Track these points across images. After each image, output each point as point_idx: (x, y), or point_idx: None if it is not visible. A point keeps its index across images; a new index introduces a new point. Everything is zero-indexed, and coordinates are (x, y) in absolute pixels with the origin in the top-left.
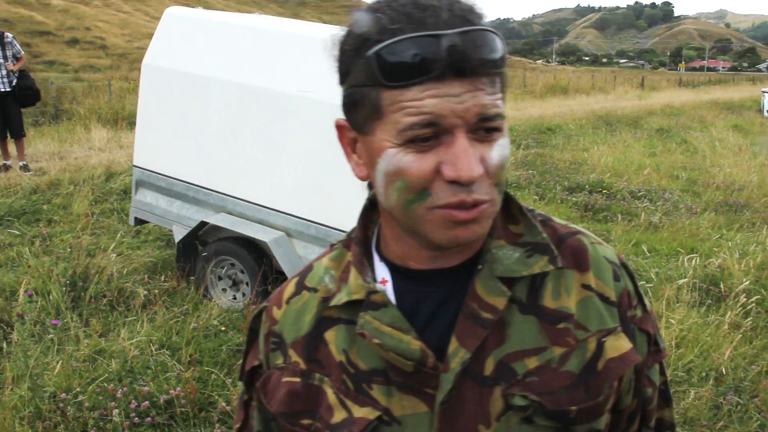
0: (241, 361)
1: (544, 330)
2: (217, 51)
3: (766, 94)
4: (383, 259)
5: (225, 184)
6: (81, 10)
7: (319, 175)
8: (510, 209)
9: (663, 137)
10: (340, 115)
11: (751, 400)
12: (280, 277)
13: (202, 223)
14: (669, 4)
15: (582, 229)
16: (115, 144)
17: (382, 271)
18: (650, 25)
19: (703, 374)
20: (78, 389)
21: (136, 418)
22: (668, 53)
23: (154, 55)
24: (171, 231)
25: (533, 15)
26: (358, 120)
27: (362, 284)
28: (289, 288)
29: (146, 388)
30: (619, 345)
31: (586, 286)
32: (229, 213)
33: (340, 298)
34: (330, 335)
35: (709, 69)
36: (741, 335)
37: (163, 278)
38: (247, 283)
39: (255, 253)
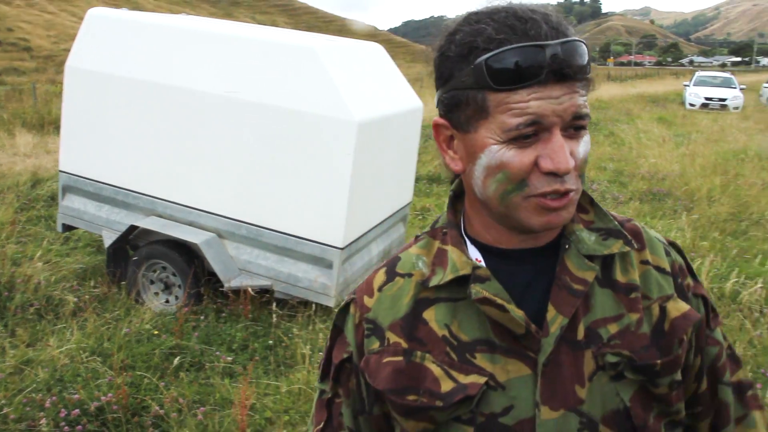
0: (323, 362)
1: (620, 300)
2: (142, 52)
3: (687, 87)
4: (474, 242)
5: (154, 187)
6: (2, 10)
7: (249, 175)
8: (580, 201)
9: (592, 130)
10: (268, 114)
11: None
12: (212, 278)
13: (132, 227)
14: (597, 1)
15: (631, 218)
16: (42, 149)
17: (474, 253)
18: (580, 21)
19: None
20: (3, 401)
21: (66, 427)
22: (597, 49)
23: (78, 57)
24: (101, 236)
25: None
26: (460, 119)
27: (467, 261)
28: (379, 277)
29: (76, 396)
30: (678, 306)
31: (644, 261)
32: (160, 216)
33: (443, 278)
34: (429, 314)
35: (636, 64)
36: None
37: (93, 284)
38: (179, 286)
39: (186, 256)
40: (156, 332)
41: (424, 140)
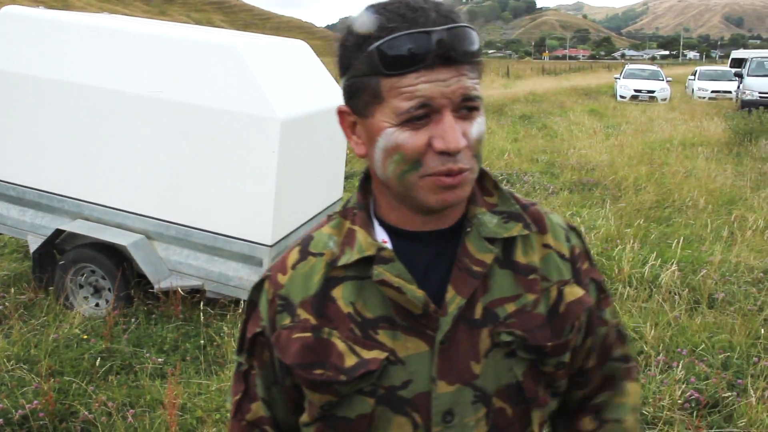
0: (239, 334)
1: (518, 281)
2: (61, 52)
3: (617, 80)
4: (381, 223)
5: (79, 189)
6: None
7: (176, 175)
8: (485, 184)
9: (525, 123)
10: (192, 113)
11: None
12: (143, 280)
13: (59, 231)
14: None
15: (536, 202)
16: None
17: (381, 234)
18: (515, 16)
19: None
20: None
21: None
22: (533, 43)
23: None
24: (26, 241)
25: None
26: (359, 105)
27: (372, 242)
28: (293, 256)
29: (0, 405)
30: (574, 291)
31: (546, 245)
32: (86, 219)
33: (350, 258)
34: (337, 292)
35: (571, 57)
36: None
37: (19, 291)
38: (109, 289)
39: (115, 258)
40: (85, 337)
41: None
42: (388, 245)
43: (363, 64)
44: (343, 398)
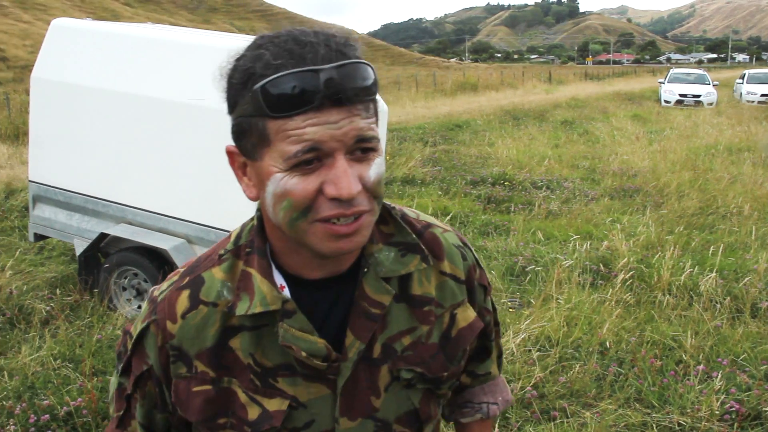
0: (123, 358)
1: (413, 313)
2: (107, 62)
3: (662, 84)
4: (278, 267)
5: (123, 194)
6: None
7: (216, 181)
8: (381, 212)
9: (567, 129)
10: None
11: (630, 370)
12: None
13: (103, 235)
14: (574, 0)
15: (430, 219)
16: (17, 160)
17: (278, 279)
18: (558, 21)
19: (591, 349)
20: None
21: None
22: (576, 48)
23: (43, 68)
24: (73, 245)
25: (445, 14)
26: (247, 147)
27: (277, 295)
28: (182, 302)
29: (46, 401)
30: (466, 315)
31: (443, 272)
32: (129, 223)
33: (248, 308)
34: (235, 342)
35: (614, 62)
36: (621, 309)
37: (65, 293)
38: None
39: (157, 262)
40: None
41: (399, 143)
42: (286, 291)
43: (248, 104)
44: None
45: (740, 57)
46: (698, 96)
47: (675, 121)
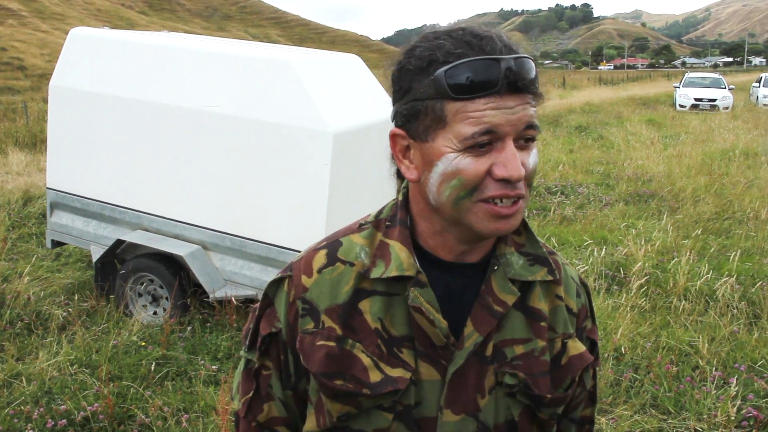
0: (250, 332)
1: (530, 325)
2: (124, 70)
3: (677, 89)
4: (414, 245)
5: (139, 201)
6: None
7: (232, 187)
8: None
9: (581, 134)
10: (247, 127)
11: (646, 375)
12: (199, 289)
13: (119, 242)
14: (588, 5)
15: (555, 251)
16: (34, 167)
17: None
18: (571, 26)
19: (606, 355)
20: None
21: None
22: (590, 53)
23: (61, 76)
24: (89, 251)
25: (458, 20)
26: (418, 129)
27: (413, 263)
28: (320, 258)
29: (63, 406)
30: (578, 346)
31: (558, 296)
32: (146, 230)
33: (383, 272)
34: (364, 305)
35: (629, 66)
36: (636, 314)
37: (82, 299)
38: (167, 298)
39: (173, 268)
40: (143, 343)
41: None
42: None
43: (427, 88)
44: (363, 411)
45: (757, 60)
46: (714, 100)
47: (690, 126)
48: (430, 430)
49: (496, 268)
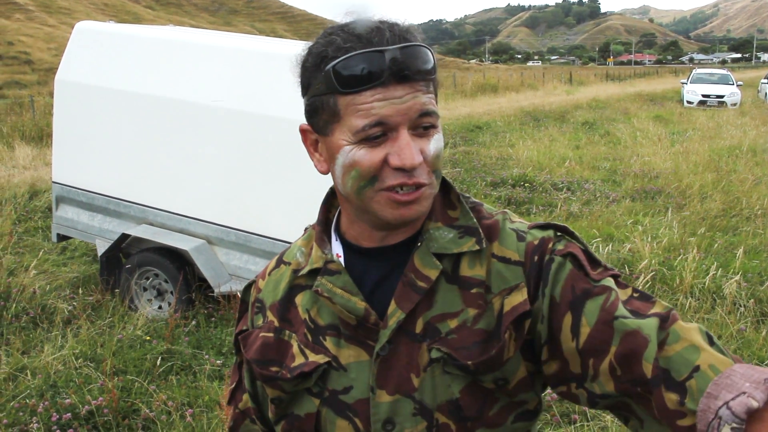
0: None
1: (463, 295)
2: (129, 64)
3: (684, 85)
4: (340, 238)
5: (145, 195)
6: (2, 24)
7: (237, 182)
8: (449, 196)
9: (587, 130)
10: (252, 121)
11: None
12: (203, 284)
13: (124, 236)
14: (595, 1)
15: (510, 215)
16: (41, 161)
17: (336, 248)
18: (578, 21)
19: None
20: None
21: (58, 431)
22: (597, 48)
23: (67, 70)
24: (95, 245)
25: (465, 15)
26: (319, 124)
27: (321, 255)
28: (271, 263)
29: (68, 400)
30: (514, 299)
31: (492, 255)
32: (151, 224)
33: (306, 269)
34: (299, 299)
35: (636, 62)
36: None
37: (87, 293)
38: (171, 293)
39: (177, 262)
40: (148, 338)
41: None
42: (341, 260)
43: (321, 84)
44: (293, 396)
45: (765, 56)
46: (721, 96)
47: (698, 122)
48: (364, 412)
49: (419, 244)
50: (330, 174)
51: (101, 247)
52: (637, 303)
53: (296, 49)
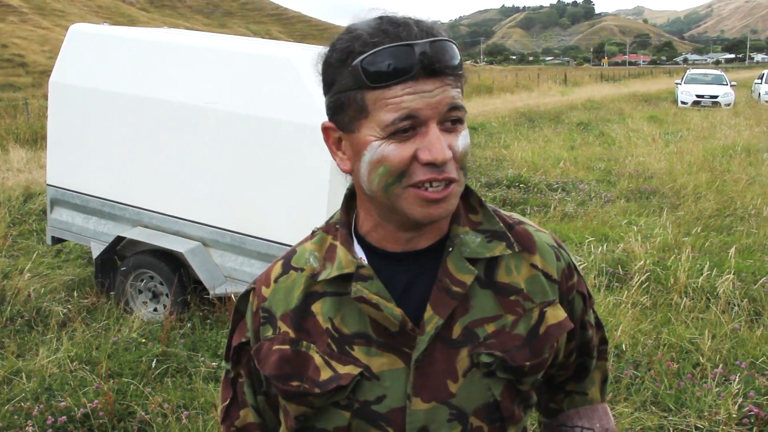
0: (226, 343)
1: (499, 301)
2: (124, 66)
3: (678, 85)
4: (360, 241)
5: (139, 197)
6: None
7: (231, 184)
8: (470, 201)
9: (582, 130)
10: (247, 123)
11: (646, 372)
12: (199, 286)
13: (119, 238)
14: (590, 1)
15: (524, 218)
16: (35, 164)
17: (359, 253)
18: (573, 22)
19: None
20: None
21: None
22: (592, 49)
23: (61, 73)
24: (89, 248)
25: (460, 17)
26: (345, 121)
27: (352, 260)
28: (276, 269)
29: (63, 403)
30: (557, 314)
31: (534, 266)
32: (145, 226)
33: (329, 273)
34: (316, 307)
35: (630, 63)
36: (637, 311)
37: (82, 295)
38: (167, 295)
39: (173, 265)
40: (143, 340)
41: None
42: (366, 263)
43: (347, 79)
44: (319, 410)
45: (759, 57)
46: (715, 97)
47: (692, 123)
48: (398, 421)
49: (450, 249)
50: (352, 173)
51: (96, 250)
52: (596, 332)
53: (291, 51)
